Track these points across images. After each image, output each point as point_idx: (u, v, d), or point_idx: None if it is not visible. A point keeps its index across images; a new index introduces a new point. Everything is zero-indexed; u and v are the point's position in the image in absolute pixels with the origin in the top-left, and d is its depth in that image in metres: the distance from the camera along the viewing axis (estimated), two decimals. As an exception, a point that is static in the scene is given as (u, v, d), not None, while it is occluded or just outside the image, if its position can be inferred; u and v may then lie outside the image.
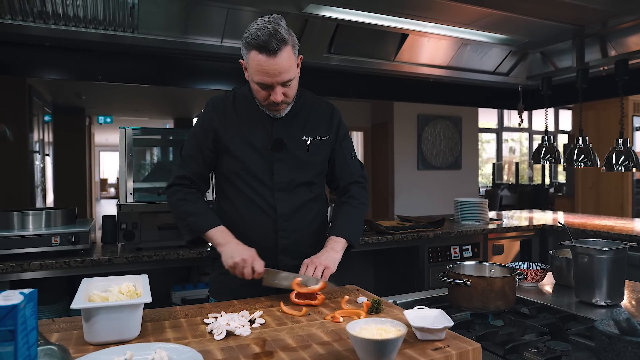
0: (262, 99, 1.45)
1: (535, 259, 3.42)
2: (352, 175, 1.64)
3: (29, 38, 2.56)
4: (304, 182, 1.54)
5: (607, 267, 1.46)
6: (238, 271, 1.41)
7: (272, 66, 1.36)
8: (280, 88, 1.41)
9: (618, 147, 3.09)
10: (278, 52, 1.34)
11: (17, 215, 2.14)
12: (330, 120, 1.61)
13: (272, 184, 1.50)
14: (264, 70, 1.36)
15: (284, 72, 1.38)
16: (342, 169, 1.63)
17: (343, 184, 1.64)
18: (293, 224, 1.52)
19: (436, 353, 0.99)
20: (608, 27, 2.93)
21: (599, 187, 6.48)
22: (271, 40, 1.33)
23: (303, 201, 1.54)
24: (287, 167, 1.51)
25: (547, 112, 3.64)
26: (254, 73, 1.39)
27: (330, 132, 1.59)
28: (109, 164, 20.17)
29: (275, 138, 1.50)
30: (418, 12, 2.72)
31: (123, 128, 2.32)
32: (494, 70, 3.67)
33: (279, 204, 1.50)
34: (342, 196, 1.65)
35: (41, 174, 6.11)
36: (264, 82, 1.39)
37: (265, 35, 1.33)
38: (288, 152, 1.51)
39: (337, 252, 1.48)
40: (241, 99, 1.56)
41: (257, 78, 1.39)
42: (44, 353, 0.86)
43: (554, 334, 1.28)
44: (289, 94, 1.44)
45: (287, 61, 1.38)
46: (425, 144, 6.99)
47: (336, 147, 1.62)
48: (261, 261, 1.41)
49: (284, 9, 2.58)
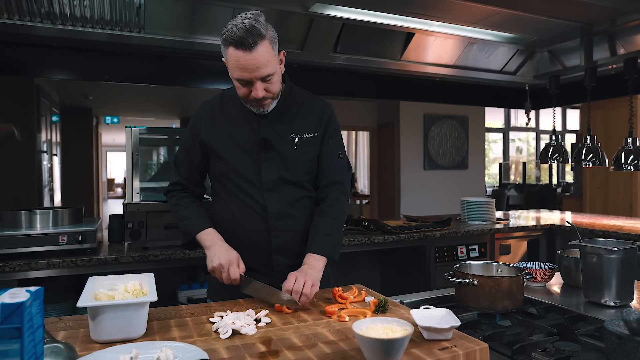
0: (243, 96, 1.43)
1: (543, 259, 3.39)
2: (336, 175, 1.58)
3: (36, 38, 2.57)
4: (292, 181, 1.52)
5: (617, 267, 1.44)
6: (217, 275, 1.42)
7: (249, 61, 1.34)
8: (260, 84, 1.39)
9: (627, 146, 3.06)
10: (254, 47, 1.33)
11: (25, 214, 2.15)
12: (320, 117, 1.57)
13: (260, 184, 1.49)
14: (242, 65, 1.35)
15: (262, 67, 1.36)
16: (325, 167, 1.57)
17: (324, 183, 1.57)
18: (285, 223, 1.51)
19: (443, 353, 0.98)
20: (617, 25, 2.90)
21: (607, 187, 6.42)
22: (247, 35, 1.32)
23: (294, 200, 1.52)
24: (275, 167, 1.49)
25: (555, 111, 3.61)
26: (232, 69, 1.38)
27: (320, 128, 1.56)
28: (116, 164, 20.29)
29: (262, 137, 1.48)
30: (424, 11, 2.71)
31: (129, 127, 2.33)
32: (501, 69, 3.65)
33: (269, 203, 1.49)
34: (321, 201, 1.57)
35: (49, 173, 6.15)
36: (242, 78, 1.38)
37: (240, 31, 1.32)
38: (275, 151, 1.49)
39: (318, 271, 1.42)
40: (229, 100, 1.55)
41: (236, 74, 1.38)
42: (51, 351, 0.87)
43: (562, 335, 1.26)
44: (270, 89, 1.42)
45: (265, 55, 1.36)
46: (432, 144, 6.96)
47: (323, 143, 1.57)
48: (237, 268, 1.40)
49: (289, 8, 2.57)
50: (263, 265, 1.52)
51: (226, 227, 1.54)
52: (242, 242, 1.51)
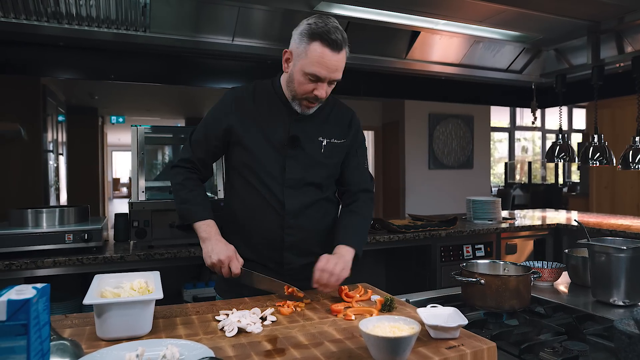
0: (304, 92, 1.43)
1: (550, 259, 3.36)
2: (365, 183, 1.63)
3: (42, 38, 2.59)
4: (313, 182, 1.53)
5: (626, 266, 1.43)
6: (217, 270, 1.44)
7: (332, 61, 1.37)
8: (326, 85, 1.42)
9: (635, 145, 3.03)
10: (341, 49, 1.38)
11: (31, 212, 2.16)
12: (349, 126, 1.60)
13: (282, 180, 1.49)
14: (324, 63, 1.37)
15: (339, 70, 1.41)
16: (355, 175, 1.62)
17: (354, 189, 1.62)
18: (300, 221, 1.51)
19: (450, 352, 0.97)
20: (624, 22, 2.87)
21: (614, 187, 6.36)
22: (338, 35, 1.36)
23: (312, 200, 1.53)
24: (300, 165, 1.50)
25: (562, 110, 3.59)
26: (310, 64, 1.38)
27: (348, 136, 1.59)
28: (121, 164, 20.36)
29: (292, 135, 1.49)
30: (430, 9, 2.70)
31: (135, 126, 2.33)
32: (507, 68, 3.63)
33: (288, 200, 1.49)
34: (349, 204, 1.61)
35: (55, 173, 6.18)
36: (318, 75, 1.38)
37: (333, 29, 1.35)
38: (302, 150, 1.50)
39: (348, 262, 1.44)
40: (262, 92, 1.55)
41: (312, 69, 1.38)
42: (57, 348, 0.87)
43: (570, 334, 1.25)
44: (329, 92, 1.46)
45: (344, 61, 1.41)
46: (437, 143, 6.94)
47: (352, 152, 1.61)
48: (237, 262, 1.42)
49: (294, 6, 2.57)
50: (274, 262, 1.52)
51: (240, 220, 1.54)
52: (255, 236, 1.51)
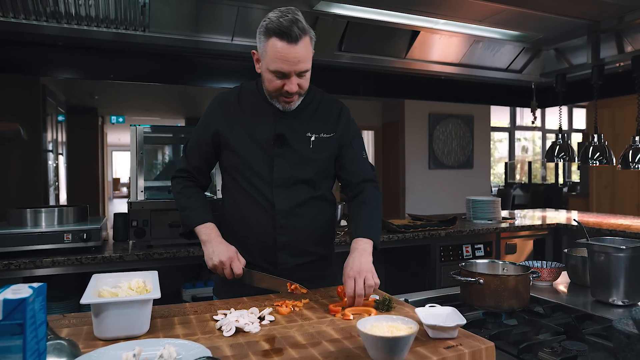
0: (275, 89, 1.42)
1: (549, 259, 3.36)
2: (365, 173, 1.59)
3: (42, 38, 2.59)
4: (304, 179, 1.51)
5: (625, 265, 1.43)
6: (219, 272, 1.43)
7: (291, 54, 1.34)
8: (295, 78, 1.39)
9: (635, 144, 3.03)
10: (299, 40, 1.34)
11: (30, 212, 2.15)
12: (338, 118, 1.57)
13: (271, 180, 1.48)
14: (283, 57, 1.35)
15: (303, 61, 1.37)
16: (353, 166, 1.58)
17: (355, 180, 1.58)
18: (292, 221, 1.50)
19: (449, 351, 0.97)
20: (624, 22, 2.86)
21: (614, 186, 6.36)
22: (293, 27, 1.33)
23: (304, 199, 1.51)
24: (288, 163, 1.49)
25: (561, 109, 3.59)
26: (271, 61, 1.37)
27: (337, 129, 1.56)
28: (121, 164, 20.36)
29: (277, 133, 1.48)
30: (429, 9, 2.69)
31: (134, 126, 2.33)
32: (507, 68, 3.62)
33: (278, 200, 1.48)
34: (357, 196, 1.58)
35: (54, 173, 6.18)
36: (281, 70, 1.37)
37: (287, 22, 1.33)
38: (290, 148, 1.49)
39: (369, 255, 1.41)
40: (247, 94, 1.55)
41: (274, 66, 1.37)
42: (54, 347, 0.86)
43: (569, 334, 1.25)
44: (302, 86, 1.43)
45: (306, 51, 1.37)
46: (437, 143, 6.93)
47: (346, 144, 1.57)
48: (239, 262, 1.42)
49: (294, 6, 2.56)
50: (268, 262, 1.52)
51: (233, 222, 1.54)
52: (248, 238, 1.51)
